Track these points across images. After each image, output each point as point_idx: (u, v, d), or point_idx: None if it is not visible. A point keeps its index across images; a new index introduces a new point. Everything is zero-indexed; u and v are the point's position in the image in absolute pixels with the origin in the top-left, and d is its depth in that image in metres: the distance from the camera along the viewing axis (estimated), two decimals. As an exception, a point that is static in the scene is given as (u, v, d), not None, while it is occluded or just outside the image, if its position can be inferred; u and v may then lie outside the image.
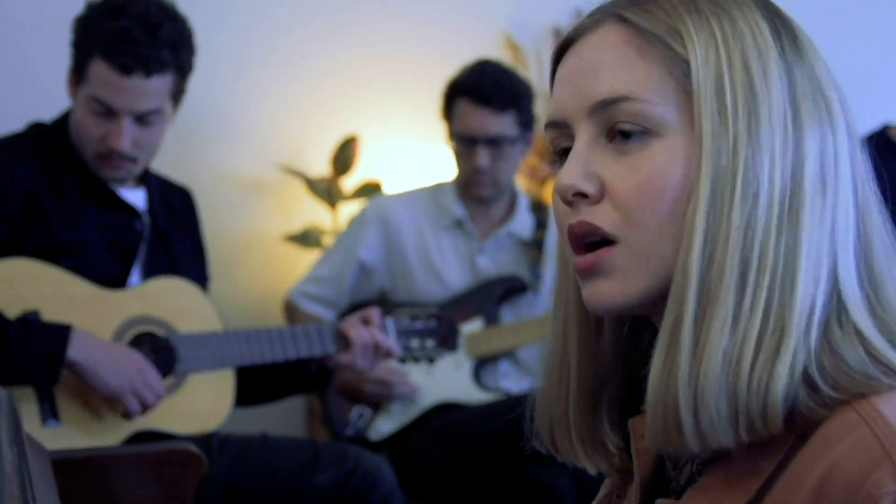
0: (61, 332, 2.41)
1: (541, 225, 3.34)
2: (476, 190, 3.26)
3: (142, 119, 2.57)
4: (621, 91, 1.03)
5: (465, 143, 3.21)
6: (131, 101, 2.54)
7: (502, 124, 3.20)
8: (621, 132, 1.03)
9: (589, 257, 1.04)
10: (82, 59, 2.58)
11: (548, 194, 4.09)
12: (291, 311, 3.32)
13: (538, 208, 3.38)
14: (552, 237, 3.33)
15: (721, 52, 1.03)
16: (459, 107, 3.23)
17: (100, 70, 2.55)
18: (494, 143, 3.20)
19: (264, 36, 3.89)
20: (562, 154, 1.09)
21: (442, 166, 3.45)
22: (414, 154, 3.95)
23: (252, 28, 3.86)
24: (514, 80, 3.26)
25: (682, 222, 1.01)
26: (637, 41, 1.04)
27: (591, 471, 1.18)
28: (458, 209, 3.29)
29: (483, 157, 3.19)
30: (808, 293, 1.00)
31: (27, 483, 1.17)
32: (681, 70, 1.03)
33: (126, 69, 2.52)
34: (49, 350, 2.39)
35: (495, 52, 4.11)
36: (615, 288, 1.04)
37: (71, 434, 2.45)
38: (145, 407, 2.48)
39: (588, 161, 1.05)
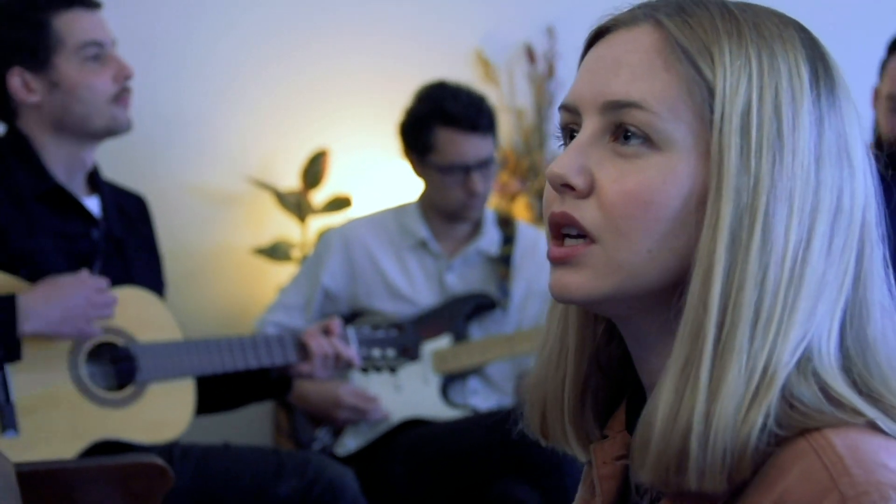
0: (7, 307, 2.40)
1: (508, 240, 3.34)
2: (470, 214, 3.26)
3: None
4: (635, 97, 1.02)
5: (456, 172, 3.19)
6: None
7: (488, 146, 3.21)
8: (625, 135, 1.02)
9: (563, 250, 1.04)
10: None
11: (517, 210, 4.09)
12: None
13: (504, 223, 3.38)
14: (520, 252, 3.34)
15: (753, 85, 1.00)
16: (443, 137, 3.18)
17: None
18: (484, 165, 3.20)
19: (235, 48, 3.89)
20: (568, 137, 1.08)
21: (412, 181, 3.45)
22: (384, 168, 3.95)
23: (222, 40, 3.86)
24: (483, 99, 3.26)
25: (665, 242, 1.01)
26: (667, 51, 1.03)
27: (581, 458, 1.16)
28: (421, 230, 3.27)
29: (479, 182, 3.19)
30: (793, 347, 0.99)
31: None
32: (702, 94, 1.01)
33: None
34: (1, 328, 2.39)
35: (467, 67, 4.12)
36: (581, 282, 1.03)
37: (30, 444, 2.43)
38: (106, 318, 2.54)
39: (585, 155, 1.03)
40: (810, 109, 1.01)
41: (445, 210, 3.25)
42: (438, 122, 3.18)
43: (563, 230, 1.04)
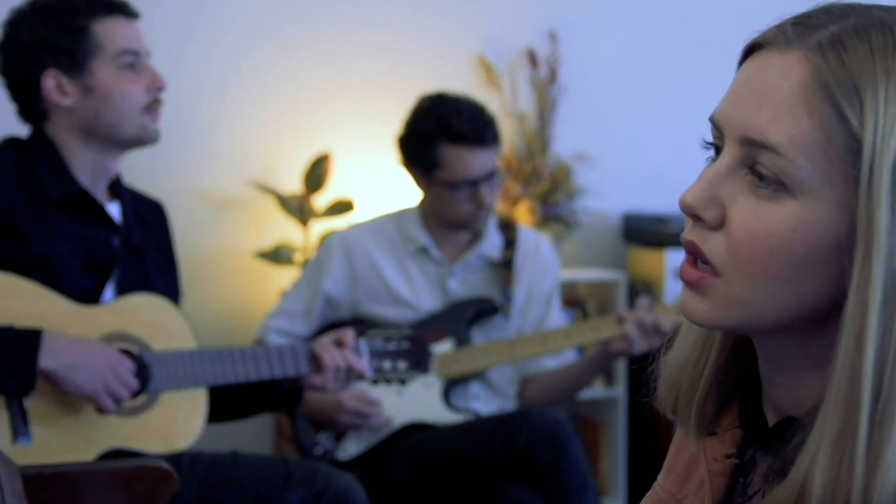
0: (32, 339, 2.40)
1: (509, 244, 3.34)
2: (478, 225, 3.25)
3: None
4: (772, 141, 0.98)
5: (464, 187, 3.17)
6: None
7: (494, 157, 3.20)
8: (759, 175, 1.00)
9: (695, 274, 1.03)
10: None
11: (519, 214, 4.10)
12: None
13: (506, 227, 3.38)
14: (521, 256, 3.34)
15: None
16: (450, 153, 3.15)
17: None
18: (491, 176, 3.20)
19: (237, 52, 3.89)
20: (715, 149, 1.06)
21: (414, 186, 3.45)
22: (386, 172, 3.96)
23: (224, 44, 3.86)
24: (484, 109, 3.24)
25: (789, 288, 0.99)
26: (812, 92, 0.98)
27: (692, 444, 1.15)
28: (422, 236, 3.27)
29: (487, 194, 3.19)
30: None
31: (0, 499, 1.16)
32: (846, 142, 0.96)
33: None
34: (20, 358, 2.38)
35: (469, 72, 4.12)
36: (704, 310, 1.04)
37: (43, 451, 2.43)
38: (119, 403, 2.48)
39: (719, 186, 1.02)
40: None
41: (452, 222, 3.24)
42: (444, 138, 3.15)
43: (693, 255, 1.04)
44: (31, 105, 2.64)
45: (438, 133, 3.16)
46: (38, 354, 2.38)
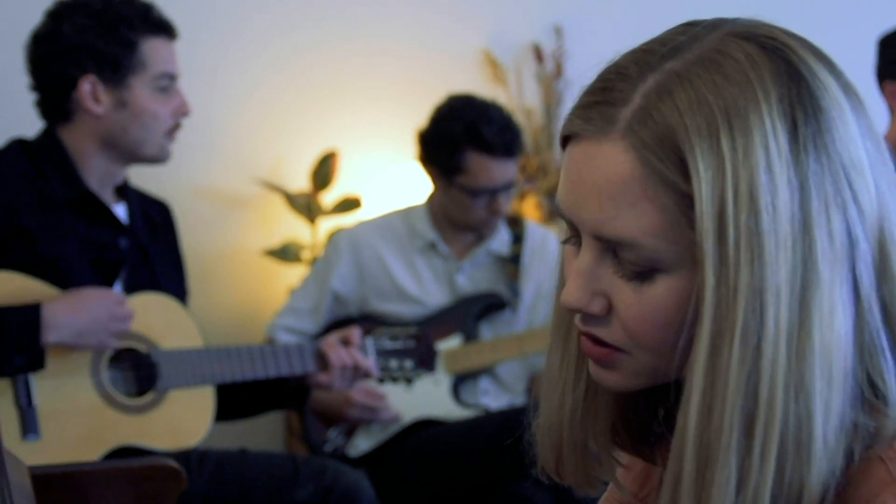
0: (32, 314, 2.41)
1: (517, 240, 3.35)
2: (489, 230, 3.26)
3: None
4: (626, 238, 0.98)
5: (483, 195, 3.17)
6: None
7: (515, 167, 3.21)
8: (629, 263, 1.00)
9: (599, 351, 1.04)
10: None
11: (526, 209, 4.10)
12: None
13: (514, 223, 3.38)
14: (529, 252, 3.34)
15: (727, 183, 0.95)
16: (476, 162, 3.14)
17: None
18: (510, 186, 3.20)
19: (244, 50, 3.90)
20: (575, 240, 1.05)
21: (421, 183, 3.45)
22: (393, 169, 3.96)
23: (231, 42, 3.87)
24: (511, 119, 3.22)
25: (689, 340, 0.98)
26: (643, 175, 0.97)
27: (620, 489, 1.15)
28: (430, 233, 3.27)
29: (505, 203, 3.19)
30: (833, 424, 0.96)
31: (6, 498, 1.16)
32: (686, 208, 0.96)
33: None
34: (24, 334, 2.40)
35: (475, 68, 4.12)
36: (617, 380, 1.05)
37: (51, 448, 2.44)
38: (123, 335, 2.56)
39: (595, 279, 1.02)
40: (791, 178, 0.95)
41: (464, 225, 3.24)
42: (471, 146, 3.14)
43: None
44: (56, 102, 2.64)
45: (466, 139, 3.14)
46: (41, 329, 2.40)
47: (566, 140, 1.04)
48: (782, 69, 0.98)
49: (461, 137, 3.14)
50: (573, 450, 1.12)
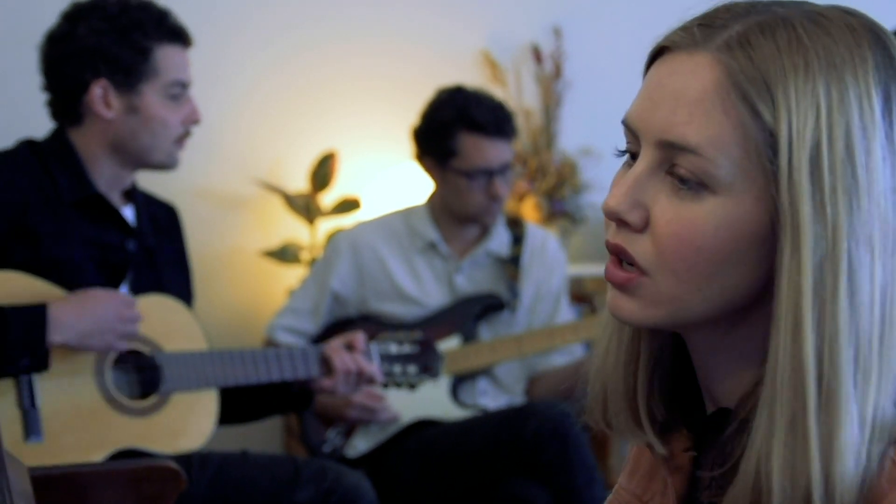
0: (38, 315, 2.41)
1: (517, 241, 3.35)
2: (490, 219, 3.26)
3: None
4: (691, 142, 1.00)
5: (480, 177, 3.19)
6: None
7: (510, 150, 3.23)
8: (680, 177, 1.01)
9: (621, 275, 1.04)
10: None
11: (526, 210, 4.10)
12: (269, 345, 3.31)
13: (513, 224, 3.39)
14: (528, 253, 3.34)
15: (822, 125, 0.97)
16: (468, 142, 3.18)
17: None
18: (507, 169, 3.22)
19: (243, 51, 3.90)
20: (632, 156, 1.07)
21: (420, 183, 3.45)
22: (392, 170, 3.96)
23: (230, 43, 3.87)
24: (503, 103, 3.27)
25: (716, 282, 1.01)
26: (725, 91, 0.99)
27: (657, 446, 1.14)
28: (430, 232, 3.28)
29: (502, 186, 3.20)
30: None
31: (6, 499, 1.16)
32: (761, 137, 0.98)
33: None
34: (30, 335, 2.39)
35: (474, 69, 4.12)
36: (633, 310, 1.04)
37: (54, 450, 2.44)
38: (132, 338, 2.55)
39: (641, 189, 1.03)
40: (883, 143, 0.98)
41: (464, 214, 3.25)
42: (463, 127, 3.18)
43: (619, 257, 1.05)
44: (67, 104, 2.64)
45: (458, 122, 3.18)
46: (47, 330, 2.40)
47: (654, 58, 1.06)
48: (880, 45, 1.01)
49: (453, 121, 3.19)
50: (617, 397, 1.13)
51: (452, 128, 3.19)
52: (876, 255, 0.98)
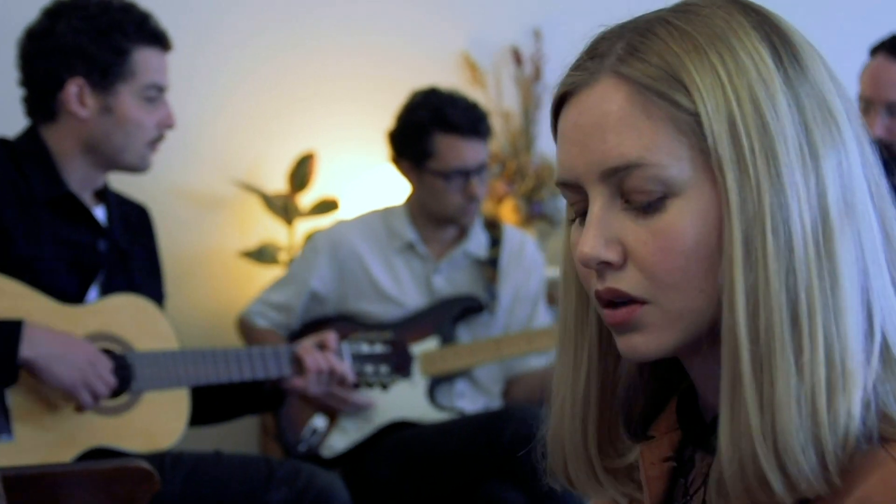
0: (13, 330, 2.39)
1: (495, 243, 3.35)
2: (467, 219, 3.27)
3: None
4: (632, 158, 1.00)
5: (456, 178, 3.20)
6: None
7: (485, 150, 3.24)
8: (636, 195, 1.01)
9: (620, 313, 1.03)
10: None
11: (504, 213, 4.10)
12: (246, 328, 3.31)
13: (492, 226, 3.39)
14: (507, 255, 3.34)
15: (729, 94, 0.99)
16: (443, 143, 3.19)
17: None
18: (482, 169, 3.22)
19: (222, 50, 3.89)
20: (581, 214, 1.07)
21: (399, 184, 3.45)
22: (371, 171, 3.96)
23: (208, 43, 3.85)
24: (477, 104, 3.27)
25: (713, 276, 1.00)
26: (640, 99, 1.01)
27: (622, 501, 1.14)
28: (409, 232, 3.28)
29: (479, 186, 3.21)
30: (857, 322, 0.99)
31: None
32: (690, 125, 1.00)
33: None
34: (1, 349, 2.37)
35: (454, 71, 4.12)
36: (650, 341, 1.03)
37: (24, 449, 2.43)
38: (97, 399, 2.47)
39: (607, 227, 1.02)
40: (783, 89, 1.00)
41: (442, 215, 3.25)
42: (438, 128, 3.19)
43: (615, 301, 1.04)
44: (42, 101, 2.63)
45: (433, 123, 3.19)
46: (19, 346, 2.37)
47: (559, 107, 1.07)
48: (747, 9, 1.04)
49: (427, 122, 3.20)
50: (577, 455, 1.13)
51: (427, 129, 3.19)
52: (802, 198, 0.98)
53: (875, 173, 1.04)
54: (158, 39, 2.66)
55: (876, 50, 3.35)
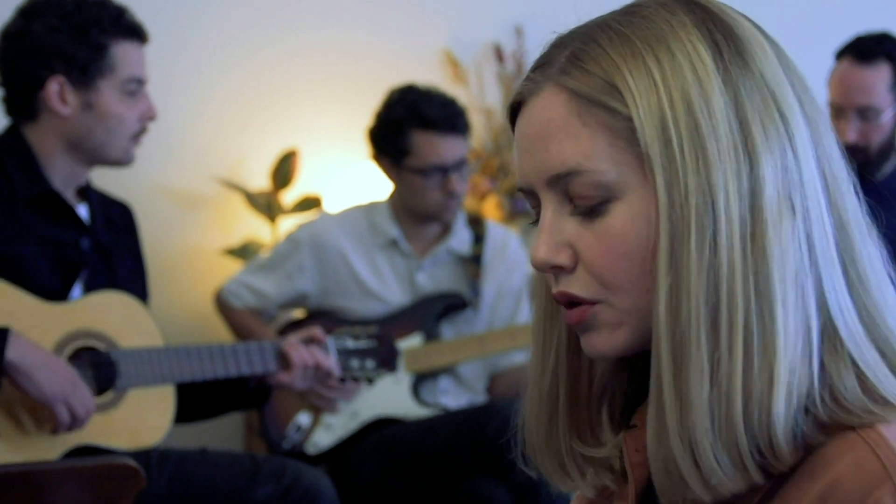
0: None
1: (478, 239, 3.36)
2: (448, 215, 3.27)
3: None
4: (571, 165, 1.03)
5: (435, 174, 3.20)
6: None
7: (464, 146, 3.24)
8: (580, 200, 1.03)
9: (574, 313, 1.05)
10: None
11: (487, 209, 4.10)
12: (223, 307, 3.33)
13: (475, 223, 3.39)
14: (490, 252, 3.35)
15: (662, 97, 1.01)
16: (421, 140, 3.19)
17: None
18: (462, 165, 3.22)
19: (204, 48, 3.88)
20: (537, 214, 1.09)
21: (381, 181, 3.45)
22: (354, 168, 3.96)
23: (190, 40, 3.85)
24: (455, 100, 3.28)
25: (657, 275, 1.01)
26: (577, 107, 1.03)
27: (589, 493, 1.16)
28: (392, 229, 3.28)
29: (459, 182, 3.21)
30: (792, 322, 0.99)
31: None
32: (626, 130, 1.01)
33: None
34: None
35: (436, 68, 4.13)
36: (605, 339, 1.05)
37: (9, 447, 2.42)
38: (75, 420, 2.45)
39: (558, 232, 1.05)
40: (721, 88, 1.01)
41: (423, 212, 3.25)
42: (415, 125, 3.19)
43: (571, 303, 1.06)
44: (22, 100, 2.62)
45: (409, 120, 3.19)
46: (5, 350, 2.36)
47: (514, 116, 1.09)
48: (692, 6, 1.05)
49: (404, 119, 3.21)
50: (543, 447, 1.15)
51: (404, 126, 3.20)
52: (731, 198, 0.99)
53: (833, 166, 1.04)
54: (136, 33, 2.66)
55: (841, 54, 3.35)
